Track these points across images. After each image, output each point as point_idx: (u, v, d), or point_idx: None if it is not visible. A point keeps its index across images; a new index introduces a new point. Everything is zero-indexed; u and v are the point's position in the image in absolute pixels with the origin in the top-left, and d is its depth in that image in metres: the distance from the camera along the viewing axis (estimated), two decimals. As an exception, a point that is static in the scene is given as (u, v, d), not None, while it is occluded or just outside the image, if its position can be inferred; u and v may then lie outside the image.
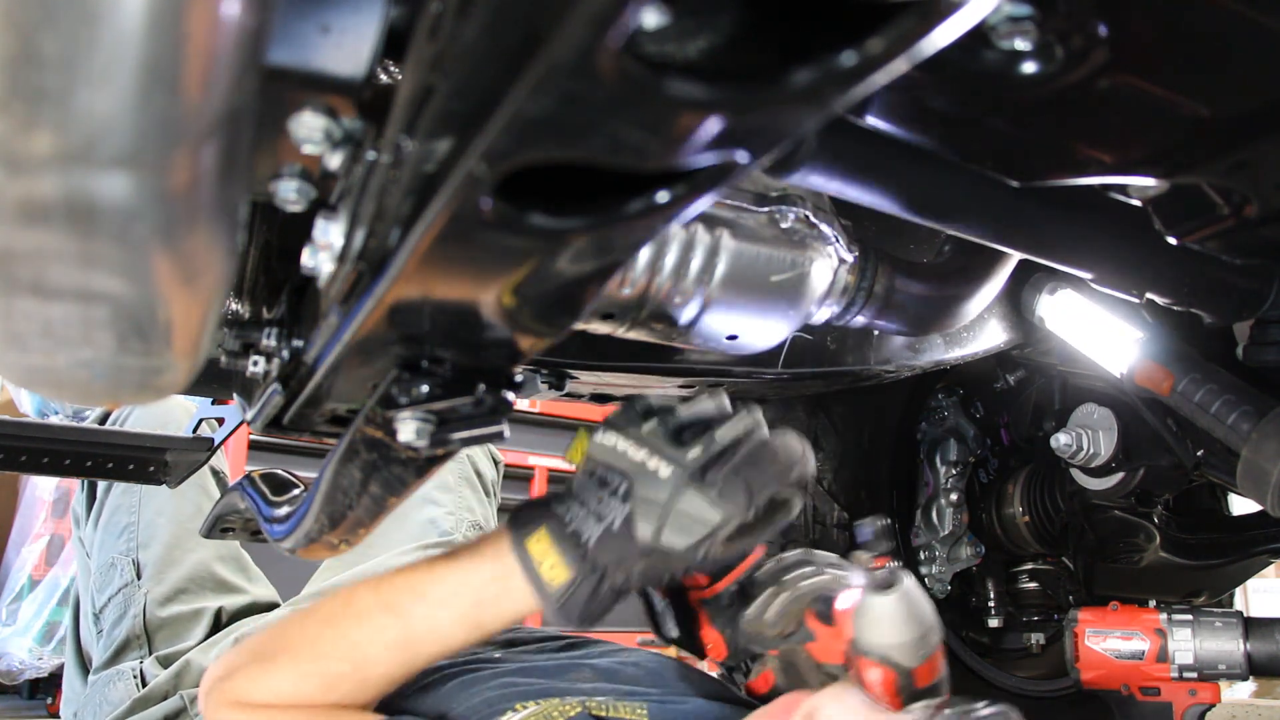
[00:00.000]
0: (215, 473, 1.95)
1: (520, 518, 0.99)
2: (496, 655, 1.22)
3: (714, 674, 1.31)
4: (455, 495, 2.11)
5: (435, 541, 1.96)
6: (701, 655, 1.26)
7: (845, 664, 1.07)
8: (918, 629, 0.99)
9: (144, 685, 1.63)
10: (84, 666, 1.80)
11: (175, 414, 1.93)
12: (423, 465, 0.79)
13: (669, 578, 0.99)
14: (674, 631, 1.23)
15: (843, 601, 1.06)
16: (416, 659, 0.99)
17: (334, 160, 0.56)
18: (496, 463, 2.31)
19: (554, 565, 0.95)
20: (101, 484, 1.91)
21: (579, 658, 1.21)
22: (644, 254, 0.93)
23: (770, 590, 1.16)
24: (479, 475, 2.21)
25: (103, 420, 1.99)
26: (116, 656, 1.69)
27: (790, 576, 1.17)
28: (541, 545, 0.96)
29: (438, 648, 0.99)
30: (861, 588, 1.01)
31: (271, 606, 1.83)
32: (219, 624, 1.74)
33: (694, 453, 0.93)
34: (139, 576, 1.77)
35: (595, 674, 1.14)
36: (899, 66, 0.38)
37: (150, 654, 1.68)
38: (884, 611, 0.98)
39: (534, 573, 0.96)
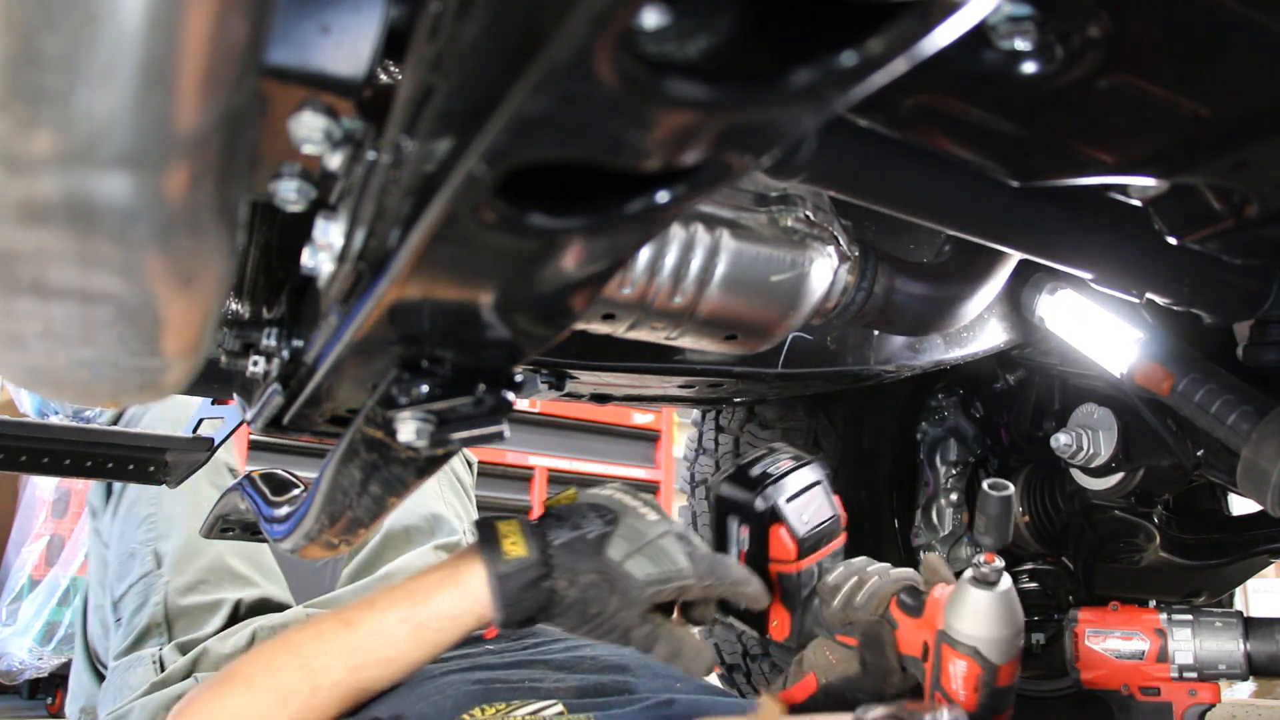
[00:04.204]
0: (231, 470, 1.96)
1: (493, 518, 1.04)
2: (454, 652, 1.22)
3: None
4: (444, 501, 2.12)
5: (444, 542, 1.96)
6: (763, 631, 1.27)
7: (923, 656, 1.07)
8: (1012, 628, 1.01)
9: (163, 670, 1.64)
10: (91, 662, 1.81)
11: (189, 414, 1.93)
12: (423, 465, 0.79)
13: (596, 616, 1.00)
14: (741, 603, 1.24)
15: (939, 592, 1.07)
16: (365, 668, 0.98)
17: (334, 160, 0.56)
18: (470, 465, 2.33)
19: (515, 543, 0.99)
20: None
21: (537, 653, 1.21)
22: (644, 254, 0.93)
23: (855, 579, 1.19)
24: (458, 479, 2.23)
25: (114, 421, 1.99)
26: (138, 643, 1.71)
27: (873, 568, 1.21)
28: (510, 527, 1.01)
29: (385, 652, 0.98)
30: (961, 581, 1.02)
31: (285, 604, 1.84)
32: (236, 615, 1.76)
33: (680, 522, 1.04)
34: (159, 566, 1.78)
35: (552, 668, 1.14)
36: (899, 66, 0.38)
37: (170, 640, 1.69)
38: (985, 604, 1.00)
39: (493, 543, 0.99)
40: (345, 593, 1.88)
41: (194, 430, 1.87)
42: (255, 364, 0.92)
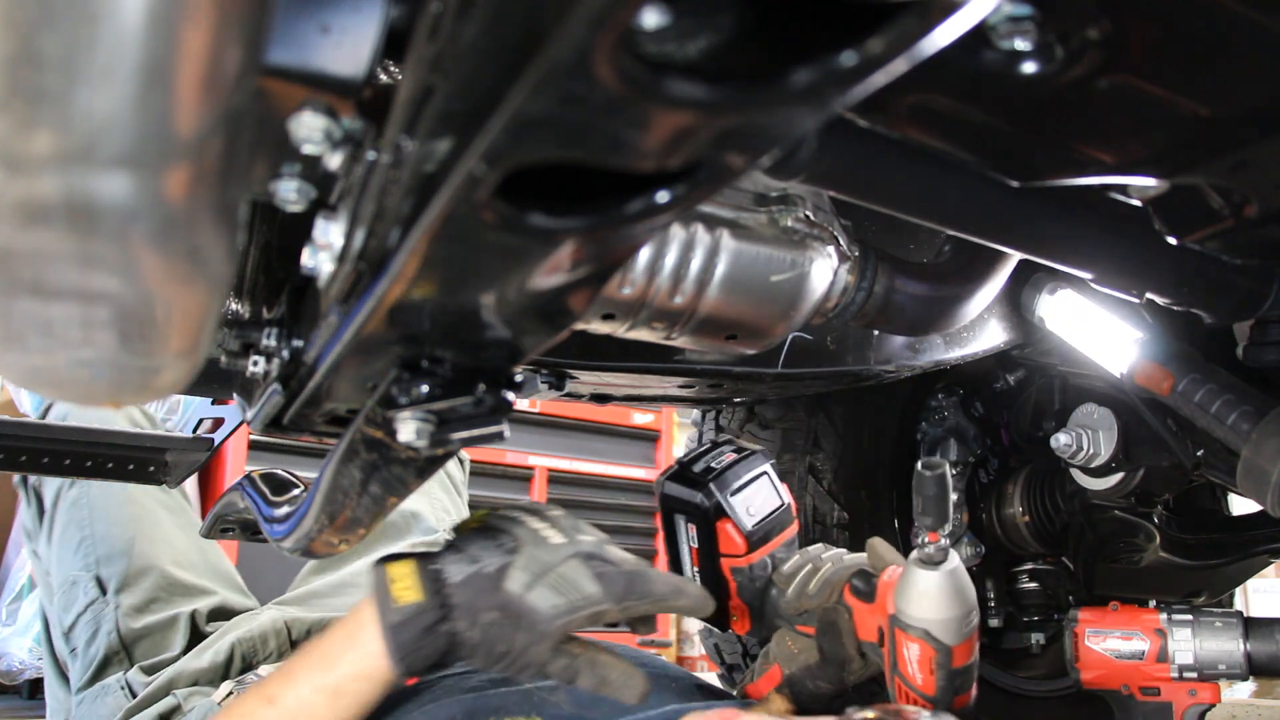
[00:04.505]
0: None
1: (389, 556, 0.98)
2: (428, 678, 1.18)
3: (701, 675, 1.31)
4: (429, 498, 2.11)
5: (422, 541, 1.96)
6: (725, 626, 1.26)
7: (879, 641, 1.07)
8: (962, 607, 1.00)
9: (133, 695, 1.63)
10: (63, 675, 1.80)
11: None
12: (423, 465, 0.79)
13: (504, 655, 0.93)
14: None
15: (888, 575, 1.07)
16: None
17: (334, 160, 0.56)
18: (462, 462, 2.32)
19: (407, 587, 0.92)
20: (48, 496, 1.88)
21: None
22: (644, 254, 0.93)
23: (808, 567, 1.17)
24: (448, 475, 2.22)
25: (42, 416, 1.97)
26: (100, 673, 1.69)
27: (828, 554, 1.19)
28: (402, 569, 0.94)
29: None
30: (908, 562, 1.01)
31: (244, 607, 1.83)
32: (195, 627, 1.73)
33: (590, 538, 0.95)
34: (104, 592, 1.75)
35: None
36: (899, 66, 0.38)
37: (132, 665, 1.67)
38: (930, 586, 0.99)
39: (384, 590, 0.93)
40: (315, 589, 1.87)
41: (194, 430, 1.87)
42: (255, 364, 0.92)
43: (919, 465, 0.97)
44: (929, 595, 0.99)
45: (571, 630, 0.92)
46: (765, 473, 1.24)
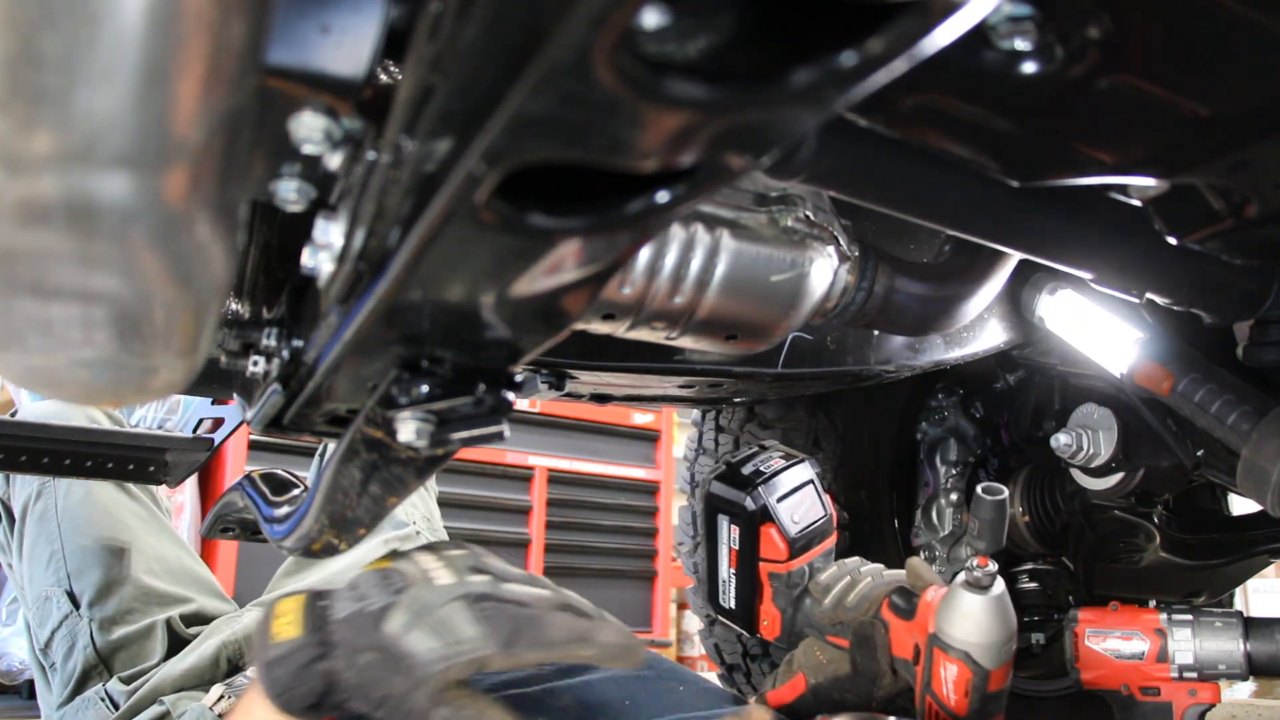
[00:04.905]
0: (145, 486, 1.94)
1: (287, 592, 0.95)
2: None
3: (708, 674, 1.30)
4: None
5: (394, 535, 1.95)
6: (753, 631, 1.26)
7: (914, 659, 1.07)
8: (1004, 632, 1.00)
9: (114, 706, 1.62)
10: (48, 678, 1.80)
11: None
12: (423, 465, 0.79)
13: (383, 700, 0.86)
14: (731, 602, 1.23)
15: (931, 595, 1.07)
16: None
17: (334, 160, 0.56)
18: None
19: (289, 623, 0.89)
20: (17, 509, 1.87)
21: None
22: (644, 254, 0.93)
23: (846, 579, 1.17)
24: None
25: None
26: (79, 688, 1.68)
27: (866, 569, 1.19)
28: (289, 605, 0.91)
29: None
30: (954, 584, 1.01)
31: (222, 611, 1.82)
32: (174, 633, 1.72)
33: (482, 579, 0.87)
34: (77, 607, 1.74)
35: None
36: (899, 66, 0.38)
37: (111, 676, 1.66)
38: (976, 609, 1.00)
39: (266, 625, 0.89)
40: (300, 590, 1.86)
41: (194, 430, 1.87)
42: (255, 364, 0.92)
43: (980, 489, 0.98)
44: (973, 618, 0.99)
45: (453, 677, 0.85)
46: (811, 481, 1.24)
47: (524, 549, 3.85)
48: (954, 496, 2.08)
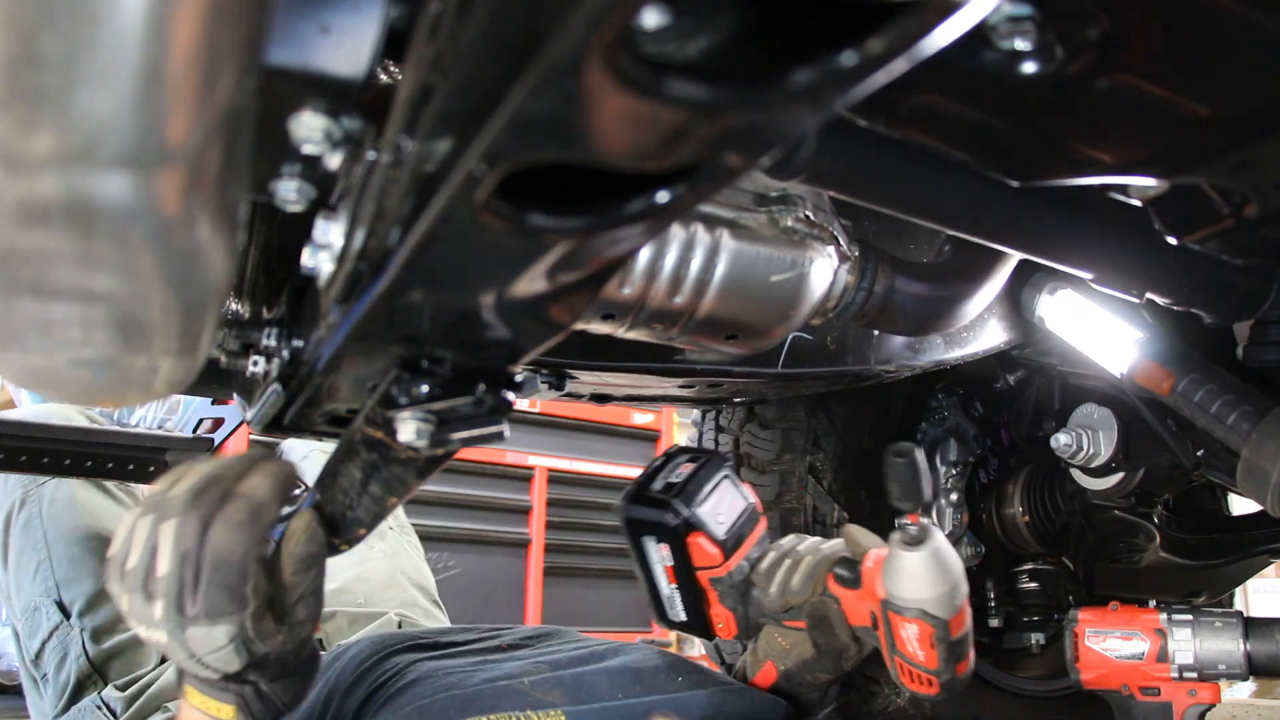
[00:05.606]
0: (127, 489, 1.88)
1: None
2: (426, 661, 1.16)
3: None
4: None
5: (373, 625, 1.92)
6: (710, 636, 1.26)
7: (873, 624, 1.07)
8: (950, 580, 1.01)
9: (112, 713, 1.60)
10: (37, 684, 1.77)
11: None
12: (423, 466, 0.79)
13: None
14: (681, 615, 1.23)
15: (871, 560, 1.07)
16: None
17: (334, 160, 0.56)
18: None
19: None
20: (0, 519, 1.83)
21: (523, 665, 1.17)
22: (644, 254, 0.93)
23: (787, 562, 1.17)
24: None
25: None
26: (75, 698, 1.65)
27: (803, 545, 1.18)
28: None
29: None
30: (890, 546, 1.02)
31: None
32: None
33: (159, 607, 0.82)
34: (68, 616, 1.70)
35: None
36: (899, 66, 0.38)
37: (106, 684, 1.64)
38: (919, 566, 1.00)
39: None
40: None
41: (194, 430, 1.87)
42: (255, 364, 0.92)
43: (888, 452, 0.98)
44: (918, 575, 1.00)
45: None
46: (726, 476, 1.22)
47: (524, 549, 3.85)
48: (954, 496, 2.08)
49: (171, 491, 0.83)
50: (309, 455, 2.01)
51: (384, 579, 1.91)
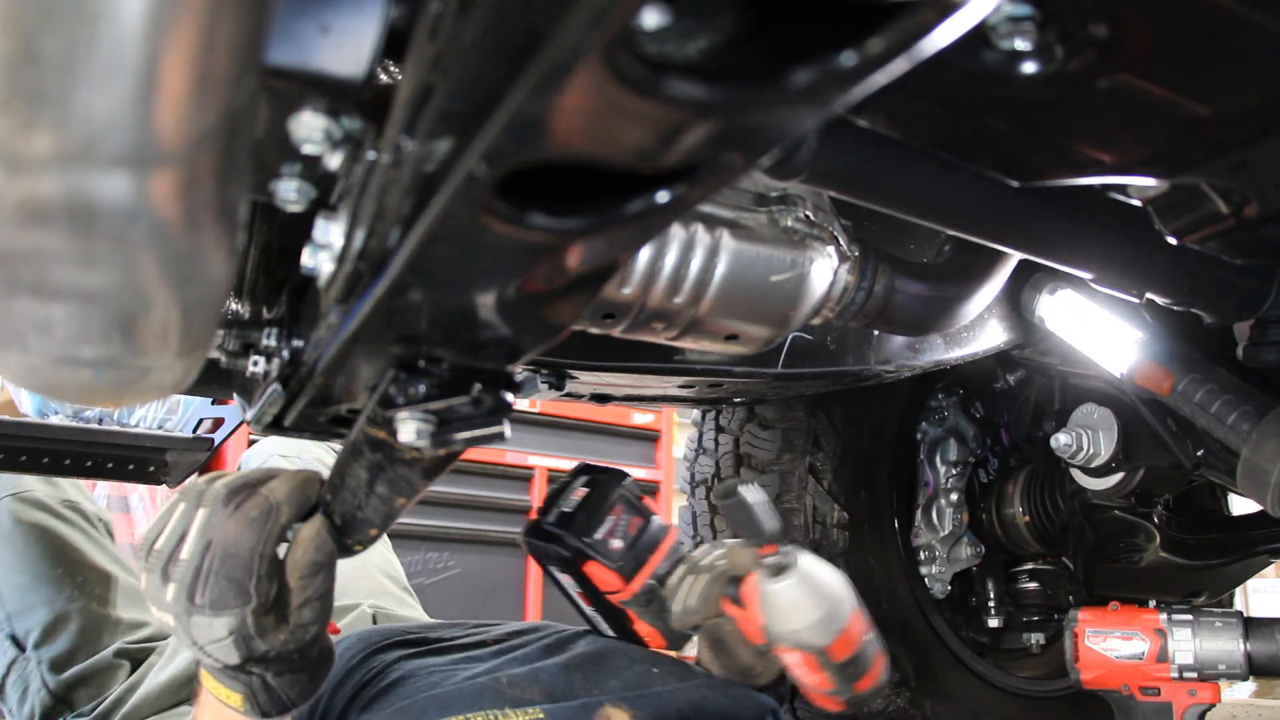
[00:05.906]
0: (71, 505, 1.82)
1: None
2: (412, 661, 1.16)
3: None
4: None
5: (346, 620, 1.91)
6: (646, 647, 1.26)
7: (767, 643, 1.07)
8: (822, 607, 0.99)
9: None
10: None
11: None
12: (429, 466, 0.79)
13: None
14: (609, 632, 1.23)
15: (747, 586, 1.06)
16: None
17: (334, 160, 0.56)
18: None
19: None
20: None
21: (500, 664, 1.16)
22: (644, 254, 0.93)
23: (689, 579, 1.16)
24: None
25: None
26: None
27: (706, 560, 1.17)
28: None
29: None
30: (755, 582, 1.01)
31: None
32: (135, 661, 1.66)
33: (171, 591, 0.85)
34: (23, 649, 1.66)
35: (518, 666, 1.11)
36: (899, 66, 0.38)
37: (73, 713, 1.61)
38: (784, 598, 0.98)
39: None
40: None
41: (194, 430, 1.87)
42: (255, 364, 0.92)
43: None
44: (783, 608, 0.98)
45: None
46: (622, 494, 1.19)
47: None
48: (954, 496, 2.08)
49: (214, 485, 0.87)
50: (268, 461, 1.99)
51: (351, 571, 1.89)
